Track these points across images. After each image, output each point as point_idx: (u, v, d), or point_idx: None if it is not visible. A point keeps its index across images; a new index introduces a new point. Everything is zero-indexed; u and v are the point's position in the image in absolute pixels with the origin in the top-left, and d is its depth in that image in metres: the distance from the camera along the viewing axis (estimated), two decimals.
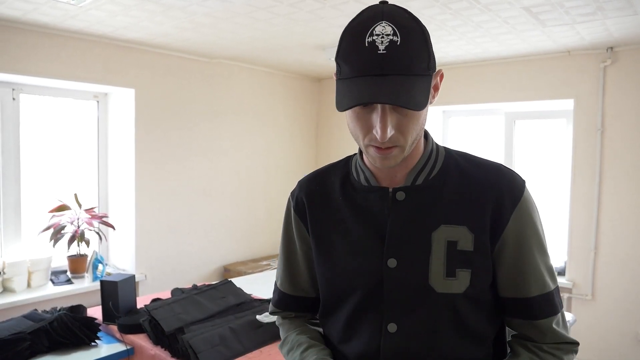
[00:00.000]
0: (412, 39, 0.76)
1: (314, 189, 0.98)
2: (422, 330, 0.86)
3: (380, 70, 0.74)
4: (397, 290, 0.86)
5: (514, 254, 0.86)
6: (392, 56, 0.74)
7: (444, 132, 4.05)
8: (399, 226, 0.87)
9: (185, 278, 3.51)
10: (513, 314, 0.89)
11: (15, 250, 2.93)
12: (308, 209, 0.97)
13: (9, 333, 1.69)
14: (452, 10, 2.36)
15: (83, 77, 2.94)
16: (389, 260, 0.86)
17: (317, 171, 1.03)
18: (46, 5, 2.32)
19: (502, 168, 0.90)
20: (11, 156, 2.90)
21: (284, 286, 1.06)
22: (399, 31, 0.75)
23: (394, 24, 0.76)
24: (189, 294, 2.06)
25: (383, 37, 0.75)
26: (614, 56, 3.01)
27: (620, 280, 3.05)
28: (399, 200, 0.88)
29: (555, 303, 0.87)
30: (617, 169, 3.04)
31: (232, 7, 2.35)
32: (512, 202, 0.85)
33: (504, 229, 0.84)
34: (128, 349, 1.84)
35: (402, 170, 0.89)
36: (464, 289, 0.84)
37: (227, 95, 3.75)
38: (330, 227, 0.94)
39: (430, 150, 0.90)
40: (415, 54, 0.76)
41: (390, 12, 0.78)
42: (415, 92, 0.74)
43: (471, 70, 3.60)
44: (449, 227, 0.85)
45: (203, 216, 3.67)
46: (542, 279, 0.87)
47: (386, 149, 0.80)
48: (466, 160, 0.91)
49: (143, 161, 3.27)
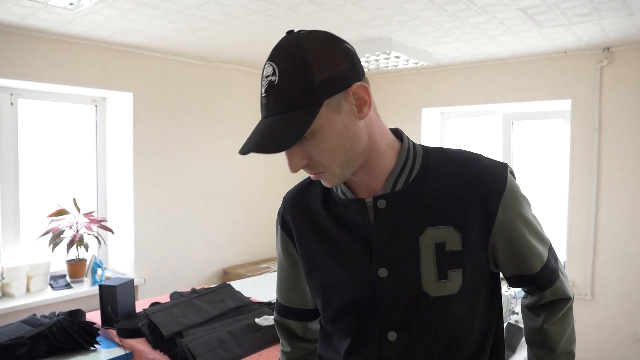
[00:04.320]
0: (288, 74, 0.76)
1: (297, 205, 0.98)
2: (422, 335, 0.86)
3: (264, 114, 0.79)
4: (391, 299, 0.86)
5: (508, 241, 0.87)
6: (269, 98, 0.77)
7: (442, 133, 4.06)
8: (384, 235, 0.86)
9: (184, 282, 3.50)
10: (520, 285, 0.93)
11: (14, 255, 2.92)
12: (293, 226, 0.97)
13: (7, 338, 1.69)
14: (448, 12, 2.36)
15: (81, 81, 2.94)
16: (379, 270, 0.86)
17: (299, 185, 1.01)
18: (43, 10, 2.32)
19: (481, 159, 0.89)
20: (10, 161, 2.90)
21: (280, 297, 1.08)
22: (277, 69, 0.76)
23: (275, 62, 0.77)
24: (187, 298, 2.05)
25: (264, 80, 0.79)
26: (611, 56, 3.02)
27: (619, 279, 3.06)
28: (380, 209, 0.86)
29: (555, 269, 0.92)
30: (615, 168, 3.05)
31: (229, 10, 2.36)
32: (498, 193, 0.84)
33: (494, 220, 0.85)
34: (127, 353, 1.84)
35: (379, 177, 0.87)
36: (457, 288, 0.84)
37: (225, 98, 3.76)
38: (317, 243, 0.93)
39: (406, 152, 0.88)
40: (290, 90, 0.76)
41: (279, 47, 0.79)
42: (284, 133, 0.75)
43: (468, 71, 3.61)
44: (435, 229, 0.84)
45: (202, 219, 3.67)
46: (539, 252, 0.90)
47: (316, 174, 0.84)
48: (445, 157, 0.89)
49: (141, 165, 3.27)
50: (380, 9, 2.31)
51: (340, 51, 0.79)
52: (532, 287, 0.93)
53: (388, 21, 2.51)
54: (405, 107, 3.92)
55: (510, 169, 0.89)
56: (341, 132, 0.79)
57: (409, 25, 2.59)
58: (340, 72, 0.77)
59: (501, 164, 0.88)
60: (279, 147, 0.75)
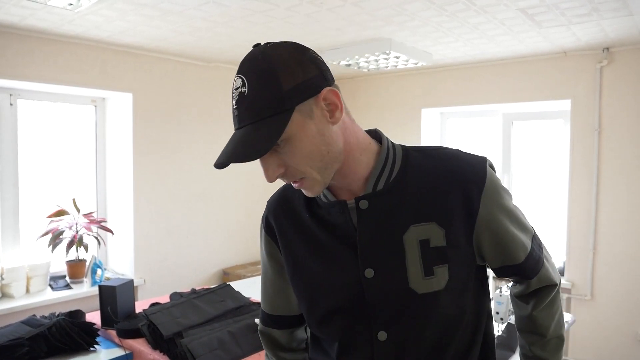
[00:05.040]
0: (257, 84, 0.77)
1: (281, 208, 0.98)
2: (412, 333, 0.87)
3: (236, 126, 0.81)
4: (379, 299, 0.86)
5: (491, 232, 0.88)
6: (240, 109, 0.79)
7: (441, 133, 4.06)
8: (368, 235, 0.86)
9: (184, 282, 3.50)
10: (507, 275, 0.96)
11: (14, 256, 2.92)
12: (278, 230, 0.98)
13: (7, 339, 1.69)
14: (448, 13, 2.36)
15: (80, 82, 2.94)
16: (365, 270, 0.86)
17: (281, 189, 1.01)
18: (43, 10, 2.32)
19: (460, 155, 0.90)
20: (9, 161, 2.90)
21: (264, 305, 1.08)
22: (246, 80, 0.78)
23: (243, 74, 0.79)
24: (187, 298, 2.05)
25: (234, 92, 0.80)
26: (610, 57, 3.02)
27: (619, 280, 3.06)
28: (363, 209, 0.87)
29: (539, 257, 0.94)
30: (615, 168, 3.05)
31: (229, 11, 2.36)
32: (478, 187, 0.85)
33: (477, 213, 0.86)
34: (127, 353, 1.84)
35: (359, 180, 0.88)
36: (444, 284, 0.85)
37: (224, 99, 3.75)
38: (302, 246, 0.93)
39: (386, 153, 0.89)
40: (260, 99, 0.77)
41: (246, 60, 0.81)
42: (257, 140, 0.76)
43: (468, 71, 3.61)
44: (419, 226, 0.85)
45: (202, 220, 3.66)
46: (522, 242, 0.91)
47: (297, 182, 0.84)
48: (423, 155, 0.90)
49: (141, 165, 3.27)
50: (379, 9, 2.31)
51: (307, 59, 0.81)
52: (518, 277, 0.96)
53: (388, 22, 2.51)
54: (405, 107, 3.92)
55: (490, 162, 0.90)
56: (315, 137, 0.80)
57: (408, 26, 2.59)
58: (308, 79, 0.79)
59: (480, 157, 0.89)
60: (253, 155, 0.76)
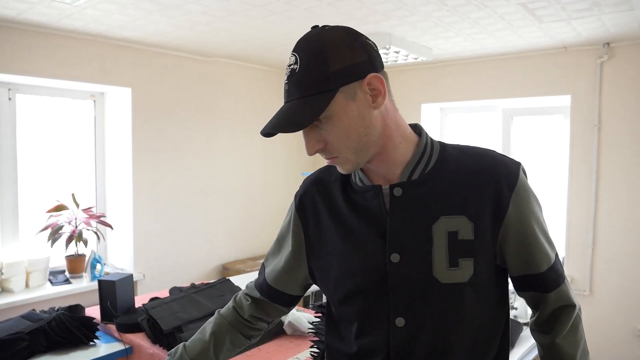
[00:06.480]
0: (308, 62, 0.83)
1: (316, 189, 1.01)
2: (430, 322, 0.88)
3: (285, 99, 0.87)
4: (402, 285, 0.88)
5: (518, 235, 0.88)
6: (290, 84, 0.85)
7: (441, 128, 4.05)
8: (399, 221, 0.89)
9: (184, 277, 3.51)
10: (527, 288, 0.93)
11: (13, 251, 2.92)
12: (311, 209, 1.00)
13: (7, 333, 1.69)
14: (448, 7, 2.36)
15: (79, 76, 2.93)
16: (392, 255, 0.88)
17: (319, 171, 1.05)
18: (41, 4, 2.31)
19: (495, 155, 0.92)
20: (8, 156, 2.90)
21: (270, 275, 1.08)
22: (299, 57, 0.84)
23: (297, 52, 0.85)
24: (187, 293, 2.06)
25: (287, 68, 0.86)
26: (611, 52, 3.01)
27: (618, 275, 3.06)
28: (396, 196, 0.89)
29: (560, 272, 0.93)
30: (615, 164, 3.05)
31: (228, 5, 2.35)
32: (510, 187, 0.87)
33: (505, 213, 0.87)
34: (126, 348, 1.84)
35: (395, 167, 0.91)
36: (468, 277, 0.86)
37: (224, 93, 3.75)
38: (332, 227, 0.96)
39: (424, 146, 0.92)
40: (307, 76, 0.83)
41: (302, 39, 0.86)
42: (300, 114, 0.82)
43: (468, 66, 3.60)
44: (449, 218, 0.87)
45: (201, 215, 3.66)
46: (546, 252, 0.91)
47: (331, 159, 0.89)
48: (460, 152, 0.93)
49: (140, 160, 3.26)
50: (379, 3, 2.30)
51: (358, 44, 0.85)
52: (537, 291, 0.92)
53: (387, 16, 2.50)
54: (404, 102, 3.91)
55: (523, 167, 0.91)
56: (355, 119, 0.84)
57: (408, 20, 2.58)
58: (356, 63, 0.83)
59: (515, 161, 0.92)
60: (294, 128, 0.82)
